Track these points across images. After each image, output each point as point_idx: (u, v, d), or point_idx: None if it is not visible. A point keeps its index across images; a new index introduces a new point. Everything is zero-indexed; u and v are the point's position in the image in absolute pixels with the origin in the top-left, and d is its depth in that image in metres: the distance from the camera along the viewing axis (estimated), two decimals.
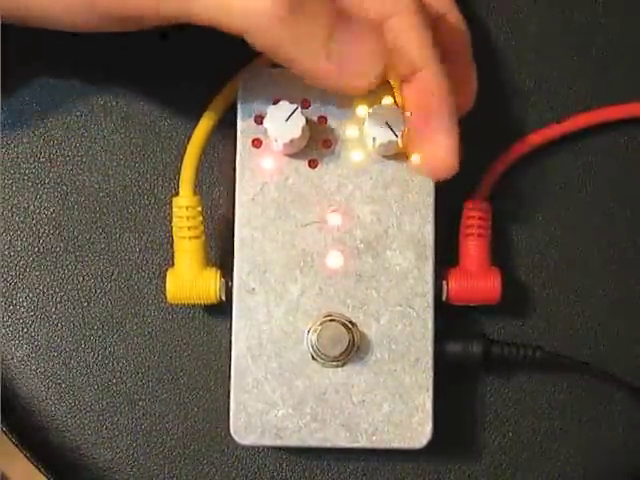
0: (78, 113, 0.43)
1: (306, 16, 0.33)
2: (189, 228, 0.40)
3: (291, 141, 0.37)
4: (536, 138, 0.42)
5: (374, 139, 0.38)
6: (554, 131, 0.42)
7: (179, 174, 0.40)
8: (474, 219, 0.41)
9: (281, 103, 0.37)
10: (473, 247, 0.41)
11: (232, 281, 0.39)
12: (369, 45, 0.35)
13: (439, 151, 0.37)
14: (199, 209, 0.40)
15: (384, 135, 0.37)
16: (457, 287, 0.40)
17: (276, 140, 0.37)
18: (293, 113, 0.37)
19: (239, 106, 0.39)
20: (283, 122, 0.37)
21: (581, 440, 0.43)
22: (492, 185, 0.42)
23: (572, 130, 0.42)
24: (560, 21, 0.44)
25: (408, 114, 0.37)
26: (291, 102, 0.37)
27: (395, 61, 0.36)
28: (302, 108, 0.38)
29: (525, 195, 0.43)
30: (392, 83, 0.38)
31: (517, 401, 0.43)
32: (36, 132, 0.43)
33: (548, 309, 0.43)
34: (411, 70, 0.37)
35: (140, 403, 0.43)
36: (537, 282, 0.43)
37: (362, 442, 0.39)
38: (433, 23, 0.38)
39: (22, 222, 0.43)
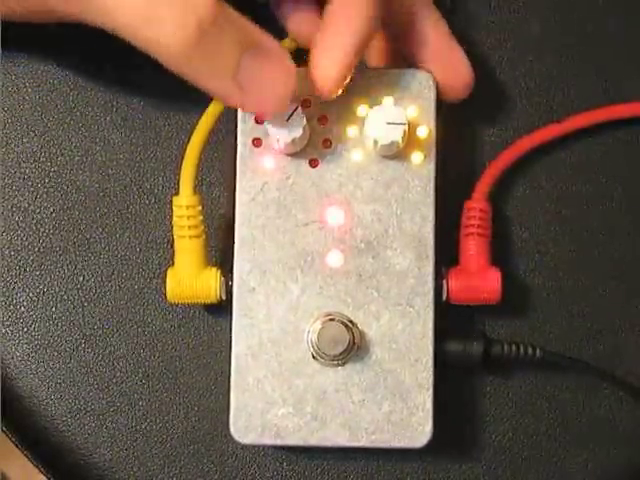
0: (78, 113, 0.43)
1: (214, 45, 0.33)
2: (189, 227, 0.40)
3: (293, 140, 0.37)
4: (536, 138, 0.42)
5: (374, 139, 0.38)
6: (554, 131, 0.42)
7: (179, 173, 0.40)
8: (474, 219, 0.41)
9: None
10: (473, 247, 0.41)
11: (232, 280, 0.39)
12: (276, 71, 0.35)
13: (456, 69, 0.39)
14: (199, 208, 0.40)
15: (384, 135, 0.37)
16: (457, 287, 0.40)
17: (277, 139, 0.37)
18: (294, 112, 0.37)
19: None
20: (284, 121, 0.37)
21: (581, 440, 0.43)
22: (492, 185, 0.42)
23: (572, 130, 0.42)
24: (560, 21, 0.44)
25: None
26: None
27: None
28: (303, 108, 0.38)
29: (525, 195, 0.43)
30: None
31: (517, 401, 0.43)
32: (36, 132, 0.43)
33: (548, 309, 0.43)
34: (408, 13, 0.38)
35: (140, 403, 0.43)
36: (537, 282, 0.43)
37: (362, 441, 0.39)
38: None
39: (22, 222, 0.43)
